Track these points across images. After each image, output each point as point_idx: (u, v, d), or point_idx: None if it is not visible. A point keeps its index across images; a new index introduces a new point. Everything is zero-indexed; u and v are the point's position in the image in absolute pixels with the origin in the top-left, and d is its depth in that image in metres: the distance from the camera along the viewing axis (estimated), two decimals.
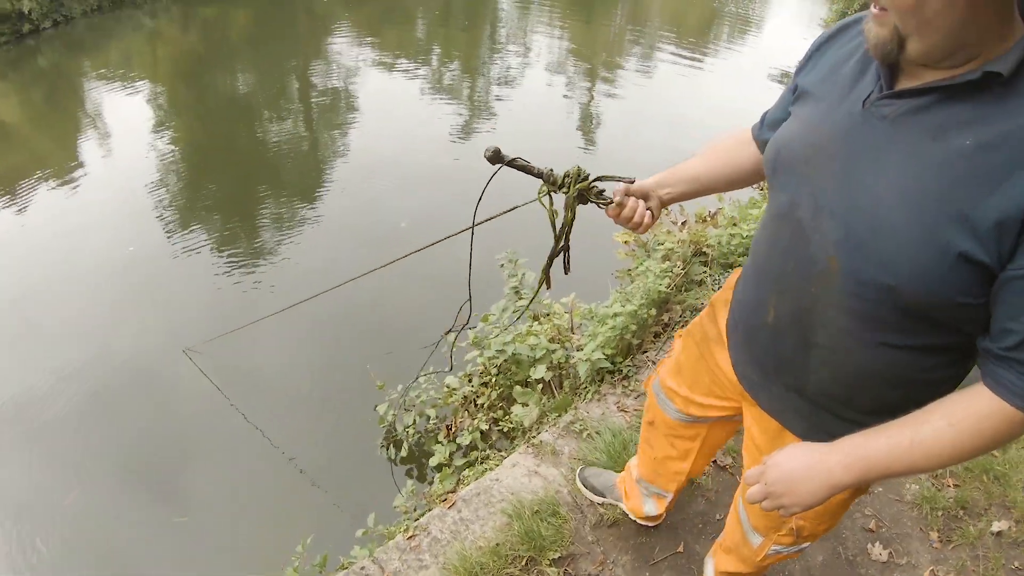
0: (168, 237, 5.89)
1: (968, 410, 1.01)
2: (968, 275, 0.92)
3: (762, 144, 1.37)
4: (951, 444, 1.01)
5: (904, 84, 0.98)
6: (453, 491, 3.09)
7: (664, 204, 1.53)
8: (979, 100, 0.90)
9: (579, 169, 1.46)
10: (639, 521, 2.55)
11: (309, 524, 3.46)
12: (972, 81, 0.89)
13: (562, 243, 1.58)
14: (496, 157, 1.41)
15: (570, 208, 1.51)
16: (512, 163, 1.42)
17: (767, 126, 1.37)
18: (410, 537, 2.77)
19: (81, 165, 7.36)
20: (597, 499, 2.67)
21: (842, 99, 1.07)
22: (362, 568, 2.74)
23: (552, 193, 1.49)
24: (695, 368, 1.69)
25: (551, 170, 1.47)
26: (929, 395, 1.05)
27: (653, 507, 2.39)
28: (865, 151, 1.01)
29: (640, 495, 2.39)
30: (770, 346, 1.29)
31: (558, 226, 1.56)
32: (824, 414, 1.27)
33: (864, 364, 1.13)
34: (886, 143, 0.98)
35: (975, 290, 0.93)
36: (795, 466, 1.14)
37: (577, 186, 1.46)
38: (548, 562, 2.57)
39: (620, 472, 2.60)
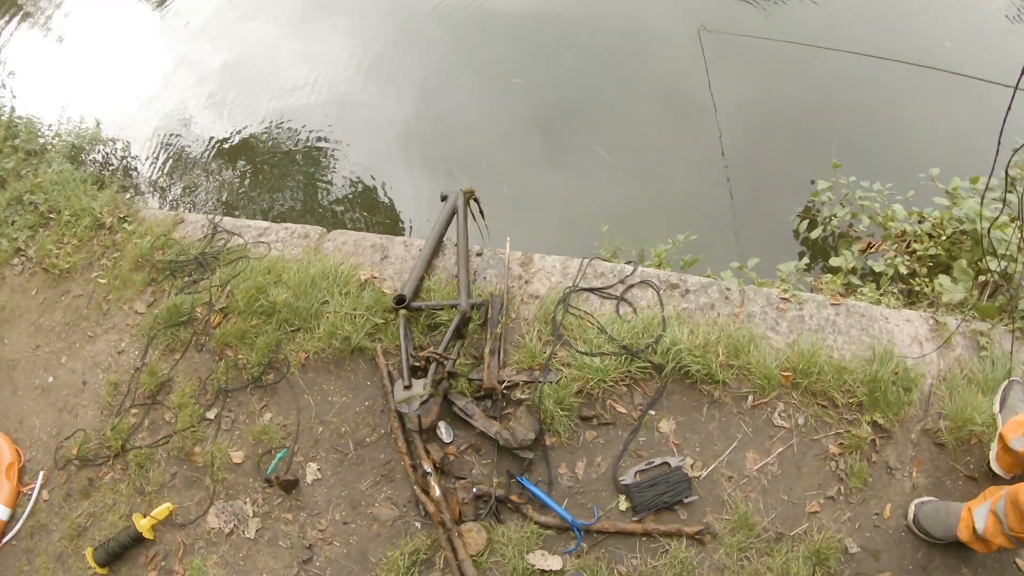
0: None
1: None
2: None
3: None
4: None
5: None
6: (842, 295, 3.24)
7: None
8: None
9: None
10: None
11: (693, 226, 4.00)
12: None
13: None
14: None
15: None
16: None
17: None
18: (783, 299, 3.14)
19: None
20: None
21: None
22: (726, 289, 3.19)
23: None
24: None
25: None
26: None
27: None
28: None
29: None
30: None
31: None
32: None
33: None
34: None
35: None
36: None
37: None
38: (869, 420, 2.78)
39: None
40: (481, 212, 3.85)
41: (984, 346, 2.98)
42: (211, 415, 3.34)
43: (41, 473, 3.44)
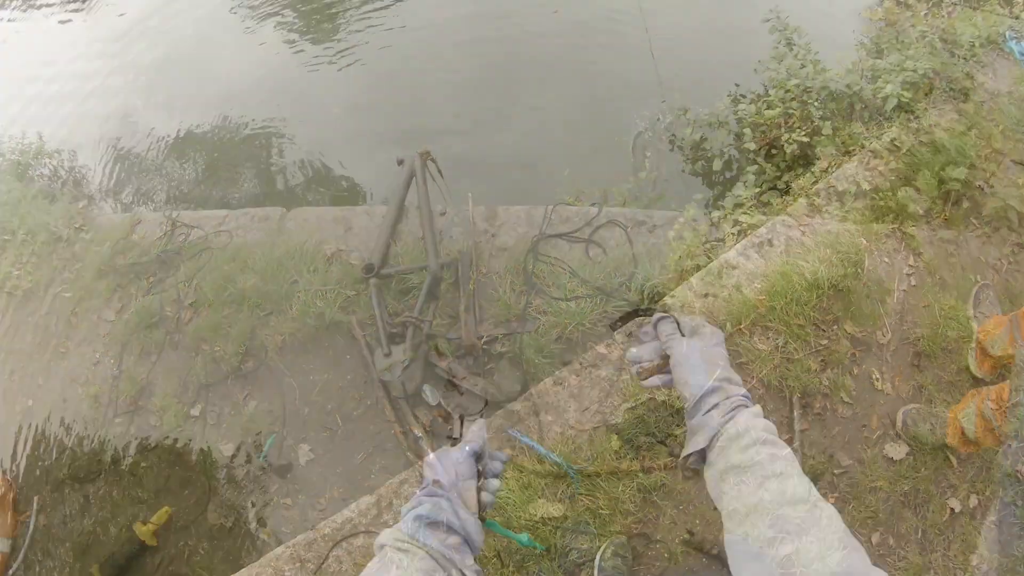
0: None
1: None
2: None
3: None
4: None
5: None
6: (808, 216, 3.32)
7: None
8: None
9: None
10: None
11: (653, 161, 4.08)
12: None
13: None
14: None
15: None
16: None
17: None
18: (750, 225, 3.22)
19: None
20: None
21: None
22: (693, 220, 3.30)
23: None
24: None
25: None
26: None
27: None
28: None
29: None
30: None
31: None
32: None
33: None
34: None
35: None
36: None
37: None
38: (846, 334, 2.85)
39: None
40: (440, 172, 3.82)
41: (952, 253, 3.02)
42: (196, 412, 3.31)
43: (35, 498, 3.38)
